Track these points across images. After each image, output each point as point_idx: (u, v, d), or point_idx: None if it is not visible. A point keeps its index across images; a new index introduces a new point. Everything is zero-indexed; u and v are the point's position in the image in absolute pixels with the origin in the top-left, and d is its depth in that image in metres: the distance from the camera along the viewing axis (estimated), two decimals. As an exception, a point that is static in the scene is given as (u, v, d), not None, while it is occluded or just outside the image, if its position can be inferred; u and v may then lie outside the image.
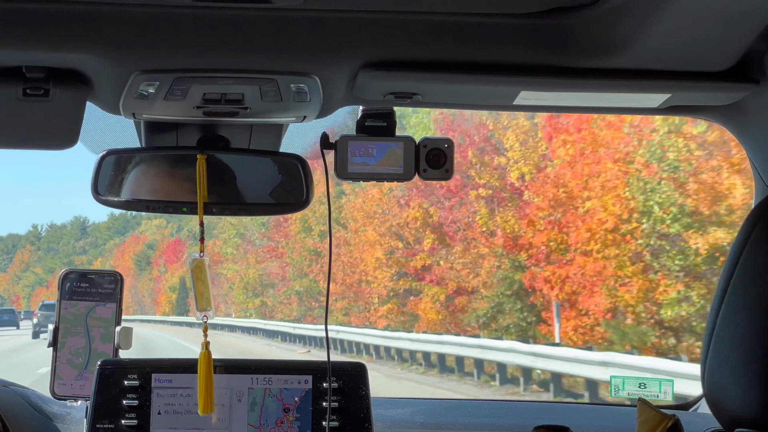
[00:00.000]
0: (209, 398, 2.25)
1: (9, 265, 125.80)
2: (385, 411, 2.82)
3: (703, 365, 1.48)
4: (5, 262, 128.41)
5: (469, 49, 1.92)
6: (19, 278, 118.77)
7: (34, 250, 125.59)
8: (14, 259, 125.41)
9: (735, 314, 1.42)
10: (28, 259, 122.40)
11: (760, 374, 1.37)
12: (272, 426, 2.33)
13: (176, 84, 1.95)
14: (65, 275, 2.54)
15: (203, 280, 2.28)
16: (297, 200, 2.29)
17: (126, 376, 2.33)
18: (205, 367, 2.26)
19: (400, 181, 2.24)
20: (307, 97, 2.03)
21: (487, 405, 3.35)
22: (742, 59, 1.92)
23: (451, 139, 2.24)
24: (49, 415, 2.71)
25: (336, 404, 2.34)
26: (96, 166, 2.25)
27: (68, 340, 2.51)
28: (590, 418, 3.03)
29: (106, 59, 1.88)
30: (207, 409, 2.25)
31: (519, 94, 2.05)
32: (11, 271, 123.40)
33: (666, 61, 1.93)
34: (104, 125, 2.34)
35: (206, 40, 1.86)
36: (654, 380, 3.41)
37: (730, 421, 1.46)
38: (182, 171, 2.27)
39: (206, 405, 2.25)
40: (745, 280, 1.41)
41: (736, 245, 1.44)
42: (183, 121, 2.22)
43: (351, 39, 1.89)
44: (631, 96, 2.08)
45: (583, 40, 1.88)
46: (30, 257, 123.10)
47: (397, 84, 2.00)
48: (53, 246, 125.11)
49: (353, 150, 2.19)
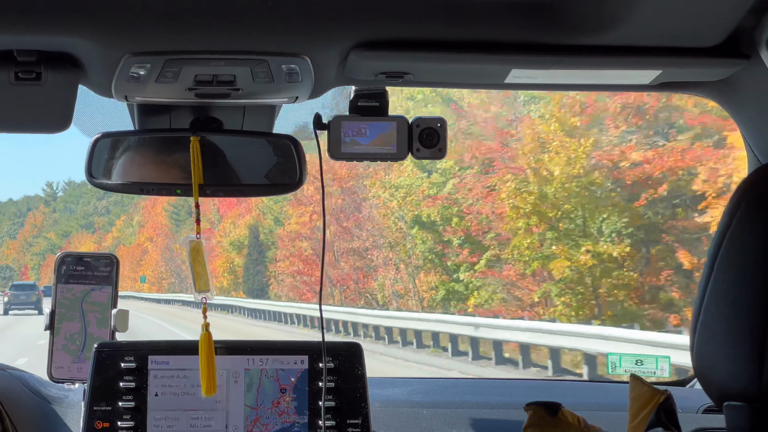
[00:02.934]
0: (212, 379, 2.26)
1: (19, 231, 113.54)
2: (381, 390, 2.83)
3: (692, 339, 1.49)
4: (15, 227, 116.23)
5: (460, 27, 1.92)
6: (30, 245, 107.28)
7: (49, 212, 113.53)
8: (25, 223, 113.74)
9: (723, 288, 1.42)
10: (41, 223, 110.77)
11: (747, 347, 1.38)
12: (269, 407, 2.34)
13: (167, 66, 1.95)
14: (62, 259, 2.55)
15: (201, 262, 2.28)
16: (290, 181, 2.29)
17: (123, 359, 2.34)
18: (206, 348, 2.26)
19: (394, 160, 2.24)
20: (299, 77, 2.03)
21: (483, 383, 3.37)
22: (733, 34, 1.92)
23: (443, 118, 2.24)
24: (46, 398, 2.72)
25: (332, 384, 2.35)
26: (90, 149, 2.25)
27: (63, 325, 2.52)
28: (585, 395, 3.04)
29: (97, 42, 1.88)
30: (210, 391, 2.26)
31: (510, 73, 2.05)
32: (21, 236, 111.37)
33: (656, 38, 1.93)
34: (98, 108, 2.35)
35: (197, 21, 1.86)
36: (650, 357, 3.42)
37: (719, 395, 1.47)
38: (175, 153, 2.27)
39: (209, 386, 2.26)
40: (733, 254, 1.41)
41: (723, 219, 1.44)
42: (175, 103, 2.22)
43: (342, 19, 1.89)
44: (622, 73, 2.08)
45: (573, 18, 1.88)
46: (43, 220, 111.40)
47: (389, 64, 2.00)
48: (70, 206, 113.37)
49: (346, 130, 2.19)
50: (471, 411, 2.78)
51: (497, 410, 2.78)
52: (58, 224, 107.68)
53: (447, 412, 2.76)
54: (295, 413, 2.34)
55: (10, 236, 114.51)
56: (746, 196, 1.43)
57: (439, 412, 2.76)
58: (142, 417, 2.32)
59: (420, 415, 2.74)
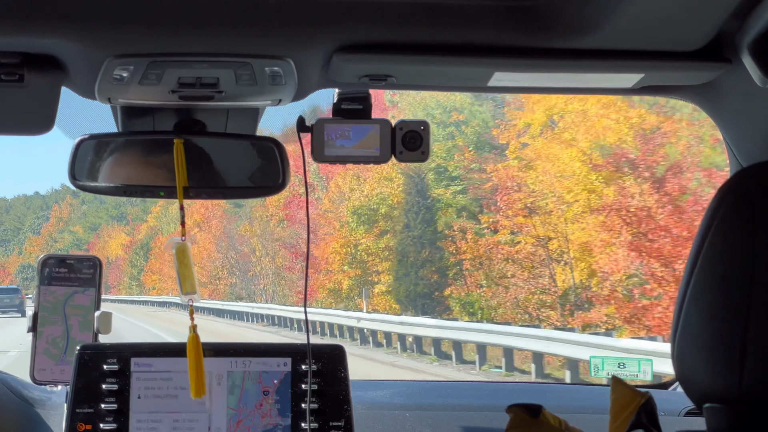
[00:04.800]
0: (200, 381, 2.26)
1: (44, 225, 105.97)
2: (364, 393, 2.83)
3: (673, 342, 1.49)
4: (40, 222, 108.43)
5: (443, 30, 1.92)
6: (54, 240, 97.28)
7: (77, 204, 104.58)
8: (51, 216, 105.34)
9: (703, 291, 1.43)
10: (67, 216, 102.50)
11: (727, 350, 1.39)
12: (251, 409, 2.34)
13: (150, 68, 1.95)
14: (44, 261, 2.54)
15: (186, 264, 2.28)
16: (274, 183, 2.30)
17: (105, 361, 2.34)
18: (194, 350, 2.26)
19: (377, 163, 2.25)
20: (282, 80, 2.03)
21: (466, 386, 3.38)
22: (715, 39, 1.93)
23: (427, 121, 2.25)
24: (29, 400, 2.71)
25: (315, 386, 2.35)
26: (73, 152, 2.24)
27: (45, 329, 2.51)
28: (567, 398, 3.05)
29: (80, 44, 1.88)
30: (199, 393, 2.26)
31: (493, 76, 2.06)
32: (45, 231, 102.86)
33: (639, 41, 1.94)
34: (81, 110, 2.34)
35: (180, 24, 1.86)
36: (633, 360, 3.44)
37: (699, 397, 1.48)
38: (159, 155, 2.27)
39: (198, 388, 2.26)
40: (713, 257, 1.42)
41: (704, 222, 1.45)
42: (159, 105, 2.22)
43: (325, 22, 1.89)
44: (604, 76, 2.09)
45: (556, 21, 1.89)
46: (70, 213, 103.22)
47: (372, 66, 2.01)
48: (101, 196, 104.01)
49: (329, 133, 2.20)
50: (454, 414, 2.78)
51: (480, 413, 2.78)
52: (86, 216, 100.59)
53: (430, 414, 2.77)
54: (278, 415, 2.34)
55: (33, 231, 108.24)
56: (726, 199, 1.43)
57: (422, 414, 2.76)
58: (125, 419, 2.31)
59: (403, 418, 2.74)
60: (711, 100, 2.25)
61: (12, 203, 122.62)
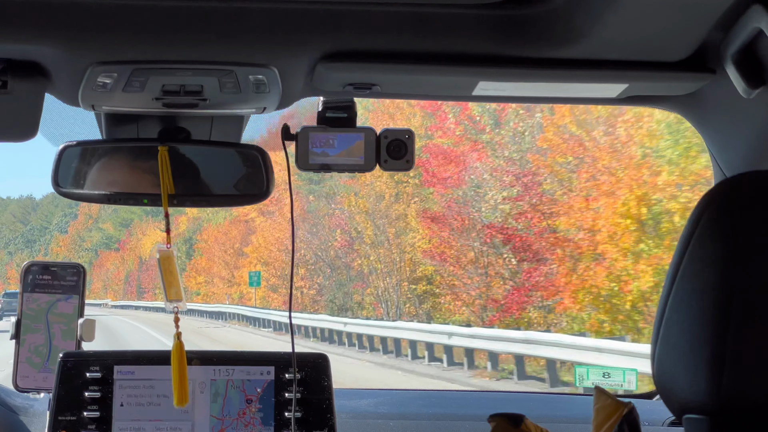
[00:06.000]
0: (183, 389, 2.25)
1: (71, 223, 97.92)
2: (348, 401, 2.83)
3: (653, 352, 1.49)
4: (67, 219, 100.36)
5: (428, 39, 1.92)
6: (82, 239, 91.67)
7: None
8: (79, 213, 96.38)
9: (683, 301, 1.43)
10: (96, 212, 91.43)
11: (707, 360, 1.39)
12: (234, 417, 2.34)
13: (134, 75, 1.95)
14: (27, 268, 2.53)
15: (172, 272, 2.28)
16: (258, 191, 2.30)
17: (88, 368, 2.33)
18: (177, 358, 2.26)
19: (362, 171, 2.25)
20: (267, 88, 2.03)
21: (450, 395, 3.37)
22: (699, 49, 1.94)
23: (411, 130, 2.25)
24: (12, 407, 2.70)
25: (299, 395, 2.35)
26: (56, 159, 2.24)
27: (28, 337, 2.50)
28: (550, 408, 3.05)
29: (63, 51, 1.88)
30: (182, 401, 2.25)
31: (478, 85, 2.06)
32: (73, 230, 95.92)
33: (623, 51, 1.94)
34: (66, 117, 2.34)
35: (164, 31, 1.86)
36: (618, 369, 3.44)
37: (679, 408, 1.48)
38: (143, 163, 2.27)
39: (181, 396, 2.25)
40: (694, 267, 1.42)
41: (686, 231, 1.45)
42: (143, 112, 2.22)
43: (309, 30, 1.89)
44: (589, 86, 2.09)
45: (540, 31, 1.89)
46: (99, 209, 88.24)
47: (356, 75, 2.01)
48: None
49: (314, 141, 2.20)
50: (437, 423, 2.78)
51: (463, 422, 2.78)
52: (117, 212, 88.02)
53: (413, 423, 2.77)
54: (261, 424, 2.34)
55: (60, 230, 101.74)
56: (708, 208, 1.44)
57: (405, 423, 2.76)
58: (108, 427, 2.31)
59: (386, 427, 2.73)
60: (695, 110, 2.26)
61: (40, 203, 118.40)
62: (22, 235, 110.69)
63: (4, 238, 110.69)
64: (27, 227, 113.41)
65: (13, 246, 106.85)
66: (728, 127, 2.22)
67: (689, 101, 2.20)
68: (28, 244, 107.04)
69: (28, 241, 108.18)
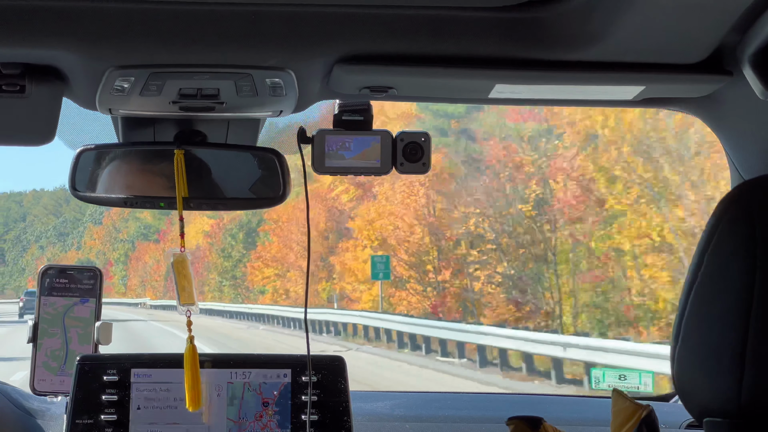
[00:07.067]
0: (196, 393, 2.26)
1: (105, 213, 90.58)
2: (364, 404, 2.83)
3: (673, 355, 1.49)
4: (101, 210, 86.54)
5: (444, 42, 1.92)
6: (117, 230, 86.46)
7: None
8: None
9: (703, 304, 1.43)
10: None
11: (727, 363, 1.38)
12: (251, 420, 2.34)
13: (151, 79, 1.95)
14: (44, 271, 2.54)
15: (185, 275, 2.29)
16: (274, 195, 2.30)
17: (105, 372, 2.34)
18: (190, 361, 2.26)
19: (378, 174, 2.25)
20: (283, 91, 2.04)
21: (466, 398, 3.37)
22: (716, 51, 1.93)
23: (427, 132, 2.25)
24: (29, 411, 2.71)
25: (315, 398, 2.35)
26: (73, 162, 2.25)
27: (45, 341, 2.51)
28: (567, 410, 3.05)
29: (81, 55, 1.88)
30: (195, 405, 2.26)
31: (494, 88, 2.06)
32: (108, 220, 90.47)
33: (639, 54, 1.94)
34: (83, 121, 2.35)
35: (181, 35, 1.86)
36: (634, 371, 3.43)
37: (699, 411, 1.48)
38: (159, 166, 2.28)
39: (194, 400, 2.26)
40: (713, 270, 1.42)
41: (705, 234, 1.45)
42: (159, 116, 2.22)
43: (326, 33, 1.89)
44: (605, 88, 2.09)
45: (556, 33, 1.89)
46: None
47: (373, 78, 2.01)
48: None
49: (330, 144, 2.20)
50: (454, 425, 2.78)
51: (480, 425, 2.78)
52: None
53: (430, 426, 2.77)
54: (278, 427, 2.34)
55: (94, 222, 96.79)
56: (727, 212, 1.43)
57: (422, 426, 2.76)
58: (125, 430, 2.31)
59: (403, 429, 2.74)
60: (712, 112, 2.25)
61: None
62: (54, 228, 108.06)
63: (36, 231, 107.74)
64: (60, 219, 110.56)
65: (45, 240, 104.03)
66: (745, 129, 2.22)
67: (706, 103, 2.20)
68: (61, 237, 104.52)
69: (60, 234, 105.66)
